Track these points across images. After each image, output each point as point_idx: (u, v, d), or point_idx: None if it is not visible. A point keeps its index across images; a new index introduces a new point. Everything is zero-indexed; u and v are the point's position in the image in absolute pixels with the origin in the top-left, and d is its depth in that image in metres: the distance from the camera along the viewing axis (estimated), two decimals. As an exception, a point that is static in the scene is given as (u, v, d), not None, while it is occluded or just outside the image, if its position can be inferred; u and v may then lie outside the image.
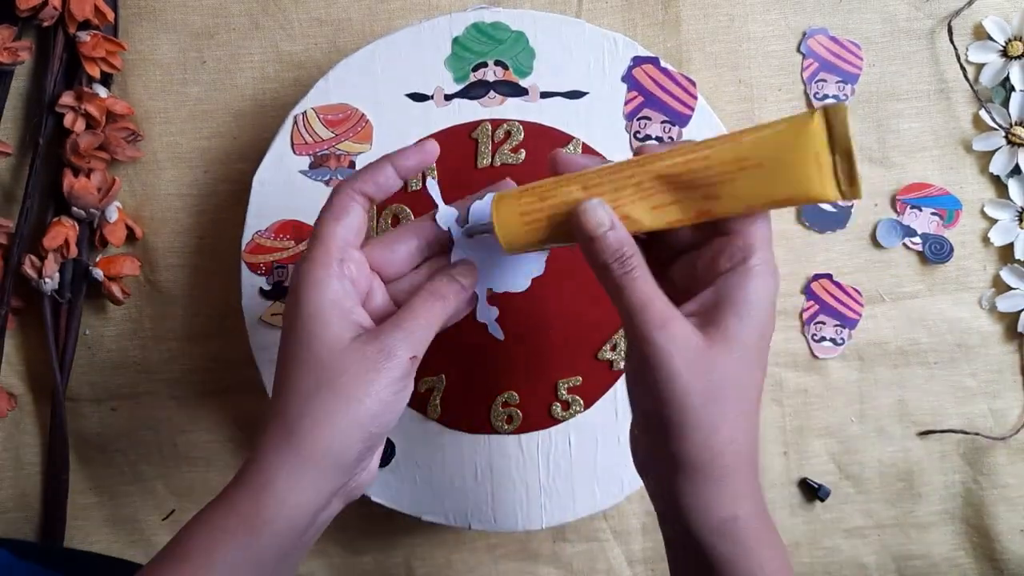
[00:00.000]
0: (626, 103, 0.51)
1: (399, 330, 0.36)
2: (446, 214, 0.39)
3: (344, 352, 0.35)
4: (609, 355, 0.51)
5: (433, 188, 0.39)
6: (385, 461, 0.51)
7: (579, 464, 0.51)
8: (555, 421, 0.51)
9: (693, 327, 0.34)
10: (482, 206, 0.39)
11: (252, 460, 0.35)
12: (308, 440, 0.34)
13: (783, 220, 0.56)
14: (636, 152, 0.36)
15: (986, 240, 0.56)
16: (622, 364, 0.51)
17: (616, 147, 0.51)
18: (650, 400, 0.34)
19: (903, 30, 0.56)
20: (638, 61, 0.50)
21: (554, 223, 0.36)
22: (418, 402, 0.51)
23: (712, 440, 0.33)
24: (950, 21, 0.55)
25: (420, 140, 0.39)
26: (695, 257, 0.36)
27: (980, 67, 0.56)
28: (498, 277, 0.41)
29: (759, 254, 0.34)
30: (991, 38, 0.55)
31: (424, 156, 0.38)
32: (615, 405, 0.51)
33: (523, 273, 0.41)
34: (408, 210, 0.50)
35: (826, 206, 0.56)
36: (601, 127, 0.51)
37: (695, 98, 0.51)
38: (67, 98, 0.51)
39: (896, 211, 0.56)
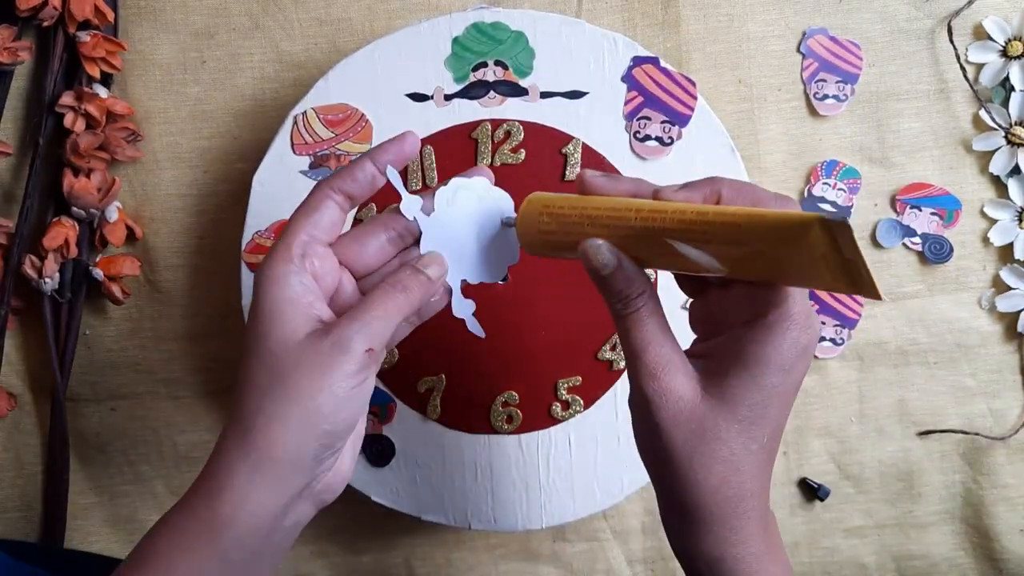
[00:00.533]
0: (626, 103, 0.51)
1: (354, 322, 0.34)
2: (410, 203, 0.38)
3: (297, 347, 0.34)
4: (609, 355, 0.51)
5: (394, 177, 0.37)
6: (385, 461, 0.51)
7: (579, 464, 0.51)
8: (555, 421, 0.51)
9: (689, 378, 0.33)
10: (444, 192, 0.38)
11: (211, 460, 0.34)
12: (262, 439, 0.33)
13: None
14: (654, 195, 0.34)
15: (986, 240, 0.56)
16: (622, 364, 0.51)
17: (616, 147, 0.51)
18: (642, 438, 0.34)
19: (903, 30, 0.56)
20: (638, 61, 0.50)
21: (569, 247, 0.35)
22: (418, 402, 0.51)
23: (694, 491, 0.33)
24: (950, 21, 0.55)
25: (401, 133, 0.38)
26: (725, 292, 0.34)
27: (980, 67, 0.56)
28: (472, 268, 0.39)
29: (781, 309, 0.31)
30: (991, 38, 0.55)
31: (403, 148, 0.37)
32: (615, 405, 0.51)
33: (498, 262, 0.39)
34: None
35: (825, 204, 0.56)
36: (601, 127, 0.51)
37: (695, 98, 0.51)
38: (67, 98, 0.51)
39: (896, 211, 0.56)
